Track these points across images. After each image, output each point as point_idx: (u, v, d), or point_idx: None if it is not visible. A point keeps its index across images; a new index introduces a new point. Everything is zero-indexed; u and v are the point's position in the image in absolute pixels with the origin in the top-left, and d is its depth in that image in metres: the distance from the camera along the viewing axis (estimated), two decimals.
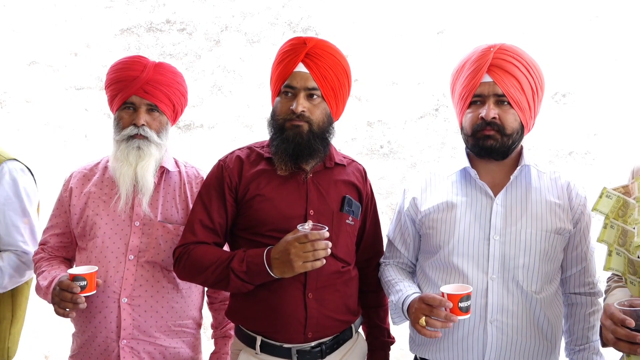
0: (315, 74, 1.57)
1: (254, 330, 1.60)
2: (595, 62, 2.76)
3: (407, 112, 2.91)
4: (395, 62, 2.90)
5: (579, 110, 2.79)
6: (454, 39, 2.86)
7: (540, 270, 1.55)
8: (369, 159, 2.91)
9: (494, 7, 2.82)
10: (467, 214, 1.59)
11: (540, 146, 2.82)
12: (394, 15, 2.90)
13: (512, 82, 1.54)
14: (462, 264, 1.57)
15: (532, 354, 1.55)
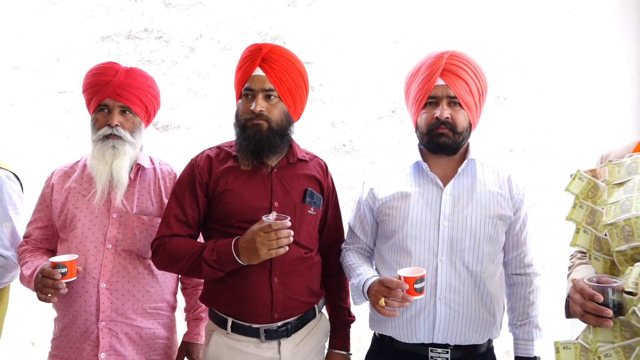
0: (271, 76, 1.58)
1: (226, 313, 1.60)
2: (531, 70, 2.83)
3: (367, 114, 2.93)
4: (356, 68, 2.92)
5: (518, 111, 2.86)
6: (408, 47, 2.89)
7: (484, 251, 1.59)
8: (332, 156, 2.93)
9: (444, 21, 2.87)
10: (420, 202, 1.63)
11: (485, 144, 2.88)
12: (355, 26, 2.92)
13: (463, 85, 1.58)
14: (414, 247, 1.60)
15: (476, 327, 1.59)
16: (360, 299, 1.68)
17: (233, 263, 1.49)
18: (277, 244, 1.44)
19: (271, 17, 2.94)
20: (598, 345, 1.20)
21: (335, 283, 1.79)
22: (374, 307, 1.50)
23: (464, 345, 1.59)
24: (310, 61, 2.94)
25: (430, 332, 1.58)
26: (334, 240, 1.79)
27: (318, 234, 1.73)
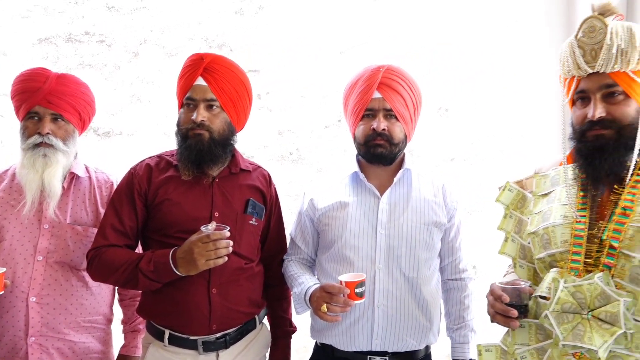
0: (213, 86, 1.57)
1: (163, 325, 1.57)
2: (471, 83, 2.95)
3: (314, 123, 2.96)
4: (303, 77, 2.94)
5: (459, 122, 2.97)
6: (353, 58, 2.94)
7: (420, 258, 1.63)
8: (279, 164, 2.93)
9: (388, 33, 2.94)
10: (357, 211, 1.65)
11: (428, 153, 2.97)
12: (302, 35, 2.94)
13: (398, 98, 1.62)
14: (353, 255, 1.62)
15: (414, 333, 1.62)
16: (303, 308, 1.68)
17: (170, 274, 1.47)
18: (216, 254, 1.43)
19: (218, 24, 2.92)
20: (515, 347, 1.26)
21: (277, 293, 1.79)
22: (316, 313, 1.51)
23: (402, 352, 1.62)
24: (257, 69, 2.94)
25: (368, 340, 1.61)
26: (276, 250, 1.79)
27: (260, 244, 1.72)
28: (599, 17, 1.19)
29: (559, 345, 1.14)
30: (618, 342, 1.08)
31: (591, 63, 1.20)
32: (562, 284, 1.16)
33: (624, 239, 1.13)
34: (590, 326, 1.10)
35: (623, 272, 1.12)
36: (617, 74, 1.17)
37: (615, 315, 1.07)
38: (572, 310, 1.13)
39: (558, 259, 1.23)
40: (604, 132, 1.19)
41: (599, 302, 1.10)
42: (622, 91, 1.18)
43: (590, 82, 1.22)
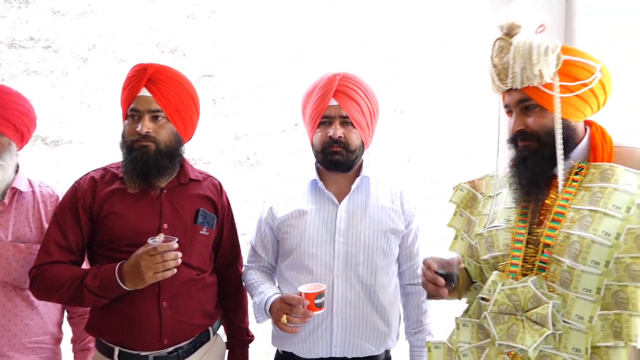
0: (158, 97, 1.55)
1: (112, 341, 1.53)
2: (425, 84, 3.00)
3: (270, 127, 2.95)
4: (259, 81, 2.93)
5: (414, 124, 3.02)
6: (309, 62, 2.95)
7: (378, 265, 1.65)
8: (237, 169, 2.91)
9: (343, 37, 2.96)
10: (316, 219, 1.66)
11: (385, 155, 3.01)
12: (256, 39, 2.93)
13: (354, 106, 1.63)
14: (312, 263, 1.63)
15: (372, 339, 1.65)
16: (263, 317, 1.68)
17: (117, 289, 1.44)
18: (163, 266, 1.41)
19: (170, 29, 2.87)
20: (459, 345, 1.31)
21: (232, 302, 1.78)
22: (277, 324, 1.52)
23: (361, 357, 1.64)
24: (212, 74, 2.91)
25: (328, 347, 1.62)
26: (230, 259, 1.78)
27: (213, 254, 1.71)
28: (504, 38, 1.24)
29: (495, 344, 1.19)
30: (548, 342, 1.14)
31: (504, 81, 1.26)
32: (500, 286, 1.21)
33: (555, 244, 1.17)
34: (523, 327, 1.15)
35: (555, 276, 1.17)
36: (529, 88, 1.22)
37: (545, 316, 1.12)
38: (508, 311, 1.19)
39: (500, 261, 1.28)
40: (527, 144, 1.25)
41: (531, 304, 1.16)
42: (537, 104, 1.22)
43: (509, 97, 1.28)
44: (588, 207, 1.16)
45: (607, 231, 1.11)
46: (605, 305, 1.10)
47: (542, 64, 1.18)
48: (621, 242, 1.09)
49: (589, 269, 1.11)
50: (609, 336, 1.08)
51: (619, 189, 1.14)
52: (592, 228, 1.12)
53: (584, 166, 1.23)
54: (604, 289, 1.10)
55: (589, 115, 1.26)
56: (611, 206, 1.13)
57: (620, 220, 1.11)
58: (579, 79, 1.19)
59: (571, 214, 1.18)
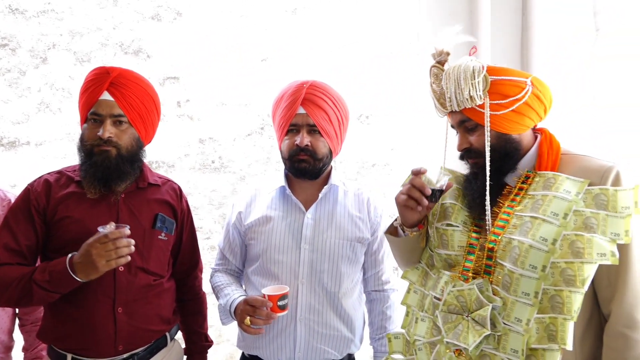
0: (121, 101, 1.54)
1: (64, 349, 1.51)
2: (390, 90, 3.05)
3: (236, 130, 2.94)
4: (224, 84, 2.92)
5: (380, 129, 3.06)
6: (276, 66, 2.96)
7: (343, 272, 1.67)
8: (201, 173, 2.89)
9: (310, 41, 2.98)
10: (283, 226, 1.68)
11: (350, 160, 3.04)
12: (222, 41, 2.92)
13: (322, 114, 1.64)
14: (277, 270, 1.65)
15: (335, 345, 1.67)
16: (228, 319, 1.69)
17: (69, 281, 1.40)
18: (116, 254, 1.39)
19: (133, 30, 2.84)
20: (415, 338, 1.36)
21: (192, 308, 1.78)
22: (240, 326, 1.53)
23: None
24: (177, 76, 2.89)
25: (291, 352, 1.64)
26: (189, 264, 1.78)
27: (172, 259, 1.71)
28: (437, 65, 1.31)
29: (444, 341, 1.25)
30: (488, 342, 1.19)
31: (445, 105, 1.32)
32: (450, 287, 1.27)
33: (498, 249, 1.22)
34: (467, 327, 1.20)
35: (498, 279, 1.22)
36: (467, 109, 1.28)
37: (484, 318, 1.18)
38: (456, 311, 1.24)
39: (453, 260, 1.33)
40: (475, 161, 1.31)
41: (475, 306, 1.21)
42: (476, 123, 1.28)
43: (452, 118, 1.34)
44: (529, 213, 1.21)
45: (544, 237, 1.16)
46: (542, 308, 1.15)
47: (471, 88, 1.24)
48: (557, 247, 1.14)
49: (527, 273, 1.16)
50: (543, 339, 1.12)
51: (558, 196, 1.19)
52: (531, 233, 1.17)
53: (531, 175, 1.28)
54: (541, 293, 1.15)
55: (532, 126, 1.31)
56: (550, 213, 1.18)
57: (557, 227, 1.16)
58: (509, 95, 1.25)
59: (514, 220, 1.23)
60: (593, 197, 1.17)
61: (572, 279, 1.12)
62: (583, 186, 1.18)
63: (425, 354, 1.33)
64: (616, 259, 1.10)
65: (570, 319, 1.11)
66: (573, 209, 1.16)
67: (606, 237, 1.12)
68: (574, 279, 1.11)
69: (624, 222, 1.13)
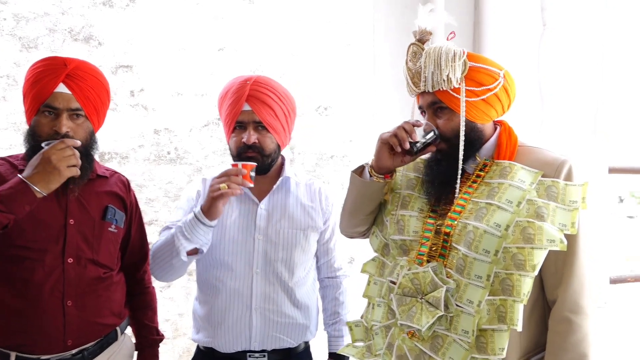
0: (78, 95, 1.49)
1: (8, 346, 1.45)
2: (349, 82, 3.07)
3: (192, 121, 2.90)
4: (180, 74, 2.87)
5: (338, 120, 3.08)
6: (233, 55, 2.93)
7: (297, 261, 1.70)
8: (156, 164, 2.84)
9: (267, 31, 2.97)
10: (237, 217, 1.69)
11: (309, 151, 3.05)
12: (178, 30, 2.86)
13: (268, 110, 1.64)
14: (232, 261, 1.66)
15: (291, 332, 1.70)
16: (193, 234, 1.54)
17: (26, 195, 1.31)
18: (76, 159, 1.37)
19: (84, 15, 2.74)
20: (372, 323, 1.40)
21: (141, 302, 1.76)
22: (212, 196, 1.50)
23: (280, 349, 1.69)
24: (130, 65, 2.82)
25: (247, 341, 1.66)
26: (139, 257, 1.75)
27: (120, 252, 1.67)
28: (417, 43, 1.33)
29: (398, 324, 1.28)
30: (441, 323, 1.23)
31: (418, 84, 1.34)
32: (405, 271, 1.30)
33: (454, 233, 1.27)
34: (421, 309, 1.24)
35: (452, 263, 1.26)
36: (440, 92, 1.30)
37: (439, 299, 1.22)
38: (410, 294, 1.28)
39: (408, 245, 1.36)
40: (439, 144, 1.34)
41: (430, 288, 1.25)
42: (447, 106, 1.31)
43: (423, 99, 1.36)
44: (485, 200, 1.26)
45: (498, 223, 1.21)
46: (493, 291, 1.20)
47: (450, 70, 1.27)
48: (509, 233, 1.19)
49: (480, 257, 1.20)
50: (494, 319, 1.17)
51: (513, 185, 1.24)
52: (486, 219, 1.22)
53: (489, 163, 1.33)
54: (493, 276, 1.19)
55: (495, 118, 1.36)
56: (504, 200, 1.23)
57: (510, 214, 1.21)
58: (483, 84, 1.29)
59: (470, 206, 1.27)
60: (545, 188, 1.23)
61: (523, 263, 1.17)
62: (537, 177, 1.24)
63: (381, 338, 1.36)
64: (564, 245, 1.16)
65: (520, 301, 1.15)
66: (526, 198, 1.21)
67: (555, 227, 1.18)
68: (524, 263, 1.17)
69: (571, 214, 1.20)
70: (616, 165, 2.25)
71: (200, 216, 1.53)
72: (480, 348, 1.18)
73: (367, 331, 1.44)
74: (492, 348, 1.16)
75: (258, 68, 2.94)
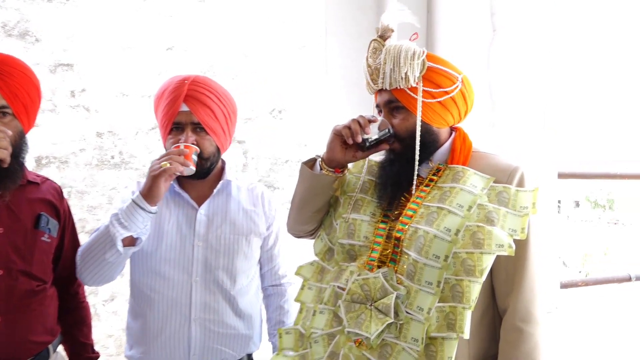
0: (5, 92, 1.41)
1: None
2: (303, 85, 3.06)
3: (138, 123, 2.81)
4: (125, 73, 2.78)
5: (293, 124, 3.07)
6: (182, 55, 2.86)
7: (239, 269, 1.66)
8: (99, 170, 2.73)
9: (218, 31, 2.92)
10: (174, 223, 1.64)
11: (262, 156, 3.02)
12: (123, 28, 2.77)
13: (207, 111, 1.60)
14: (169, 269, 1.61)
15: (233, 344, 1.65)
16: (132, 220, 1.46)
17: None
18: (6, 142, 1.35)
19: (19, 10, 2.62)
20: (312, 331, 1.37)
21: (75, 318, 1.69)
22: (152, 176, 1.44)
23: None
24: (71, 63, 2.70)
25: (186, 355, 1.60)
26: (72, 269, 1.65)
27: (53, 264, 1.59)
28: (378, 40, 1.34)
29: (345, 331, 1.26)
30: (390, 331, 1.22)
31: (376, 81, 1.34)
32: (355, 276, 1.29)
33: (405, 238, 1.27)
34: (370, 316, 1.23)
35: (403, 268, 1.26)
36: (398, 90, 1.31)
37: (388, 306, 1.21)
38: (360, 300, 1.26)
39: (356, 251, 1.35)
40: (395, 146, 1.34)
41: (379, 295, 1.24)
42: (403, 106, 1.32)
43: (380, 97, 1.37)
44: (436, 204, 1.27)
45: (448, 227, 1.21)
46: (443, 297, 1.20)
47: (409, 68, 1.27)
48: (459, 238, 1.20)
49: (430, 262, 1.21)
50: (443, 327, 1.17)
51: (465, 189, 1.26)
52: (436, 224, 1.23)
53: (442, 168, 1.34)
54: (443, 282, 1.20)
55: (451, 124, 1.38)
56: (455, 204, 1.24)
57: (461, 218, 1.22)
58: (441, 86, 1.30)
59: (421, 210, 1.28)
60: (497, 193, 1.25)
61: (472, 268, 1.18)
62: (488, 182, 1.27)
63: (321, 346, 1.33)
64: (512, 250, 1.18)
65: (468, 308, 1.16)
66: (477, 203, 1.23)
67: (504, 232, 1.20)
68: (474, 269, 1.18)
69: (522, 220, 1.22)
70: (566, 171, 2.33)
71: (139, 200, 1.46)
72: (429, 356, 1.18)
73: (302, 339, 1.40)
74: (441, 357, 1.16)
75: (209, 69, 2.89)
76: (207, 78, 1.67)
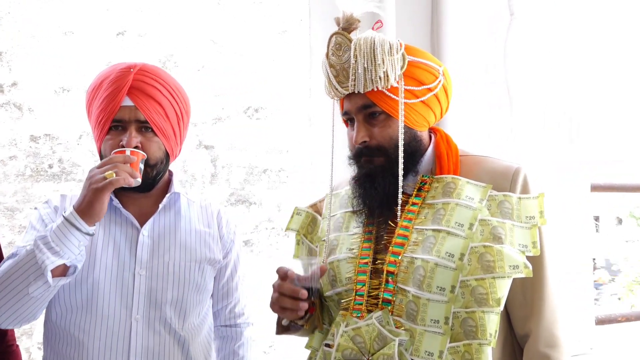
0: None
1: None
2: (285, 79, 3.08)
3: (83, 125, 2.79)
4: (66, 64, 2.78)
5: (272, 125, 3.07)
6: (137, 41, 2.87)
7: (191, 303, 1.64)
8: (34, 181, 2.72)
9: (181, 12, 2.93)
10: (110, 247, 1.60)
11: (235, 164, 3.02)
12: (61, 9, 2.78)
13: (156, 107, 1.58)
14: (102, 304, 1.56)
15: None
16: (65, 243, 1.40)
17: None
18: None
19: None
20: None
21: None
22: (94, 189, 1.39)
23: None
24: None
25: None
26: None
27: None
28: (342, 34, 1.30)
29: None
30: None
31: (344, 84, 1.31)
32: (342, 328, 1.26)
33: (399, 271, 1.25)
34: None
35: (401, 308, 1.24)
36: (373, 93, 1.28)
37: (391, 357, 1.18)
38: (353, 356, 1.23)
39: (344, 297, 1.33)
40: (372, 159, 1.32)
41: (377, 345, 1.22)
42: (382, 111, 1.30)
43: (350, 102, 1.33)
44: (431, 226, 1.26)
45: (450, 252, 1.20)
46: (454, 335, 1.19)
47: (388, 65, 1.25)
48: (465, 263, 1.19)
49: (434, 297, 1.20)
50: None
51: (461, 204, 1.25)
52: (436, 250, 1.22)
53: (427, 180, 1.33)
54: (451, 318, 1.19)
55: (432, 124, 1.37)
56: (454, 224, 1.23)
57: (463, 239, 1.21)
58: (424, 82, 1.30)
59: (414, 235, 1.27)
60: (497, 204, 1.25)
61: (484, 297, 1.17)
62: (486, 191, 1.26)
63: None
64: (529, 270, 1.17)
65: (487, 343, 1.15)
66: (479, 218, 1.22)
67: (515, 249, 1.19)
68: (486, 297, 1.17)
69: (531, 232, 1.22)
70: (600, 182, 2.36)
71: (74, 219, 1.39)
72: None
73: None
74: None
75: (169, 59, 2.89)
76: (156, 67, 1.65)
